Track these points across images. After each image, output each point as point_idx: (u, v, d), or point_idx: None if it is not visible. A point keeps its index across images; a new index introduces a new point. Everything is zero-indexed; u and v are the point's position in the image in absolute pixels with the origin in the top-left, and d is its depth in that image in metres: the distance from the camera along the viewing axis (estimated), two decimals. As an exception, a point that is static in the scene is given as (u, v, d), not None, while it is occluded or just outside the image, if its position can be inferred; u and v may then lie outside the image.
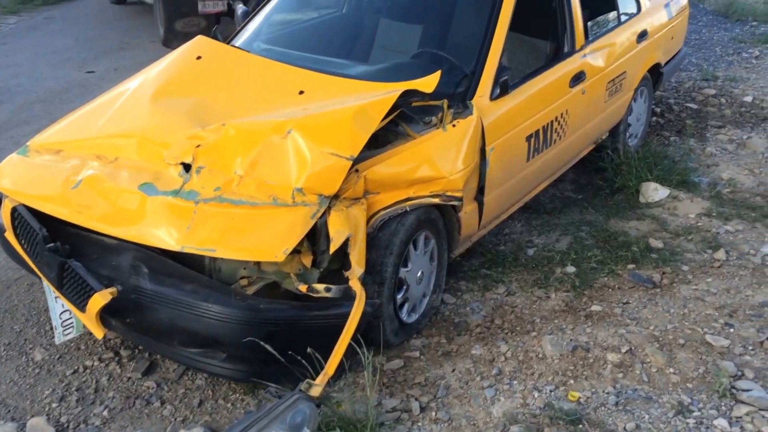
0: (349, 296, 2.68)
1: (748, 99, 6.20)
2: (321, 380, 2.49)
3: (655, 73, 5.16)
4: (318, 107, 3.11)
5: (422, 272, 3.21)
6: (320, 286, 2.70)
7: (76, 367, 3.01)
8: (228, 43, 3.95)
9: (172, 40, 8.56)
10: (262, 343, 2.53)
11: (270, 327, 2.62)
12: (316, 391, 2.46)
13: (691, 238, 3.96)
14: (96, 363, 3.03)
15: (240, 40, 4.03)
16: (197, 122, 3.05)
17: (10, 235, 3.03)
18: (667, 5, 5.17)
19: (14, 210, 2.99)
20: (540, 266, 3.73)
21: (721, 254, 3.74)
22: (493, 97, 3.40)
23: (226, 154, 2.90)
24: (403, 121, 3.21)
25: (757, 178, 4.73)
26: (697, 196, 4.44)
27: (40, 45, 8.89)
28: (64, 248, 2.81)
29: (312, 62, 3.63)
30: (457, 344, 3.14)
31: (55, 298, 2.89)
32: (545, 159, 3.88)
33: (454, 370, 2.95)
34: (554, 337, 3.08)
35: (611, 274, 3.63)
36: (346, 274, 2.72)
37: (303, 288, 2.71)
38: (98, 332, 2.70)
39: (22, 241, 2.98)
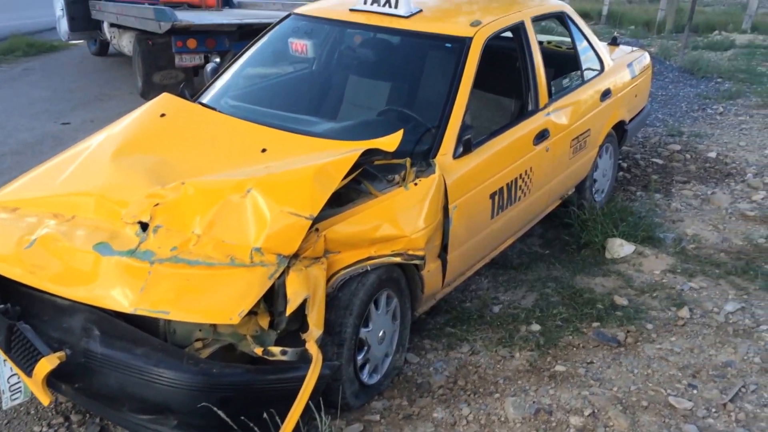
0: (306, 359, 2.58)
1: (713, 155, 6.24)
2: (275, 446, 2.38)
3: (620, 130, 5.17)
4: (280, 166, 3.05)
5: (384, 332, 3.13)
6: (276, 349, 2.60)
7: (23, 433, 2.87)
8: (196, 100, 3.91)
9: (150, 92, 8.54)
10: (215, 409, 2.42)
11: (223, 392, 2.51)
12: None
13: (656, 295, 3.91)
14: (45, 429, 2.90)
15: (208, 96, 3.99)
16: (157, 180, 2.98)
17: (-38, 293, 2.91)
18: (630, 65, 5.21)
19: (-35, 268, 2.87)
20: (505, 324, 3.66)
21: (685, 312, 3.69)
22: (456, 156, 3.36)
23: (184, 213, 2.83)
24: (366, 179, 3.16)
25: (721, 234, 4.72)
26: (662, 252, 4.41)
27: (17, 96, 8.83)
28: (14, 310, 2.70)
29: (279, 119, 3.60)
30: (418, 407, 3.04)
31: (3, 361, 2.76)
32: (510, 216, 3.84)
33: (414, 435, 2.85)
34: (517, 399, 3.00)
35: (576, 333, 3.56)
36: (303, 336, 2.63)
37: (258, 351, 2.61)
38: (44, 399, 2.57)
39: (-28, 300, 2.86)
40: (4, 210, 3.09)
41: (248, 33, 8.30)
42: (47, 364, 2.50)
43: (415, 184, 3.13)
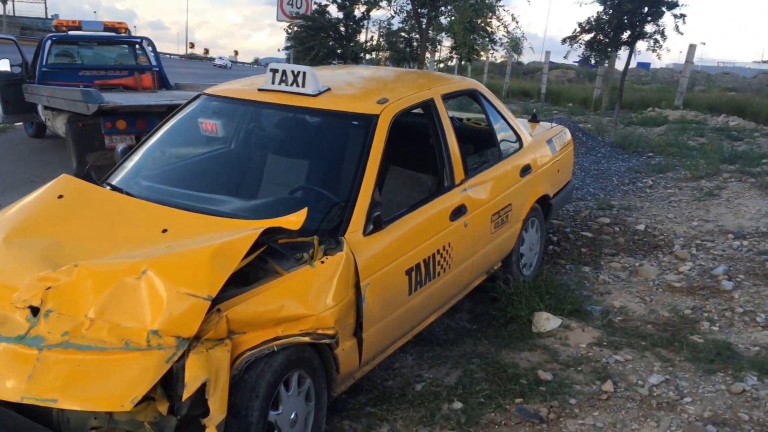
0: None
1: (641, 227, 6.37)
2: None
3: (545, 204, 5.25)
4: (179, 245, 2.99)
5: (296, 414, 3.02)
6: (172, 438, 2.49)
7: None
8: (104, 181, 3.86)
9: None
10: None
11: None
12: None
13: (581, 368, 3.89)
14: None
15: (117, 177, 3.94)
16: (49, 263, 2.89)
17: None
18: (549, 141, 5.34)
19: None
20: (426, 402, 3.58)
21: (609, 386, 3.67)
22: (367, 233, 3.34)
23: (77, 296, 2.72)
24: (273, 258, 3.11)
25: (648, 306, 4.77)
26: (588, 324, 4.42)
27: (-57, 180, 8.66)
28: None
29: (187, 199, 3.56)
30: (331, 494, 2.92)
31: None
32: (430, 291, 3.81)
33: None
34: (432, 483, 2.91)
35: (498, 409, 3.50)
36: (204, 421, 2.53)
37: (153, 440, 2.50)
38: None
39: None
40: None
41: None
42: None
43: (322, 262, 3.09)
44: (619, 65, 16.55)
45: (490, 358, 4.06)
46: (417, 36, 12.24)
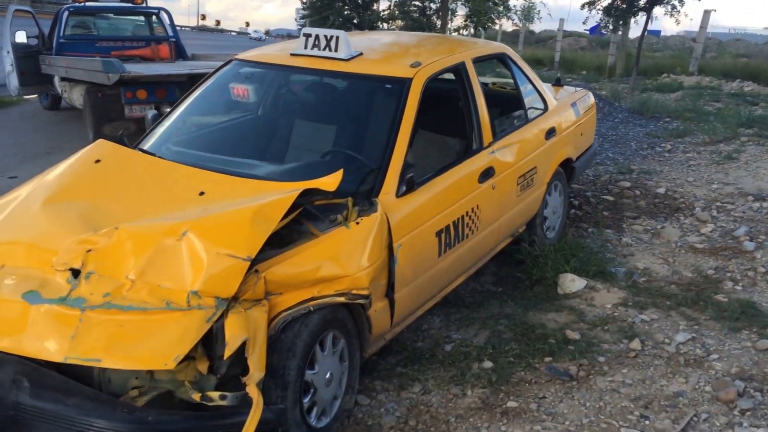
0: (247, 403, 2.51)
1: (662, 190, 6.34)
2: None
3: (568, 168, 5.23)
4: (217, 208, 3.01)
5: (331, 374, 3.06)
6: (215, 394, 2.52)
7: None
8: (136, 147, 3.86)
9: None
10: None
11: (161, 441, 2.42)
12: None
13: (608, 328, 3.91)
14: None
15: (149, 143, 3.94)
16: (89, 226, 2.91)
17: None
18: (574, 104, 5.31)
19: None
20: (457, 362, 3.61)
21: (636, 344, 3.69)
22: (399, 194, 3.35)
23: (117, 258, 2.75)
24: (308, 219, 3.12)
25: (671, 267, 4.76)
26: (613, 286, 4.43)
27: (-37, 152, 8.70)
28: None
29: (221, 163, 3.56)
30: (369, 449, 2.96)
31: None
32: (458, 254, 3.82)
33: (363, 478, 2.77)
34: (468, 438, 2.94)
35: (528, 368, 3.53)
36: (244, 379, 2.56)
37: (196, 397, 2.53)
38: None
39: None
40: None
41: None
42: None
43: (357, 223, 3.10)
44: (632, 33, 16.38)
45: (518, 319, 4.08)
46: (431, 5, 12.12)
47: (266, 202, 2.91)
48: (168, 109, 7.83)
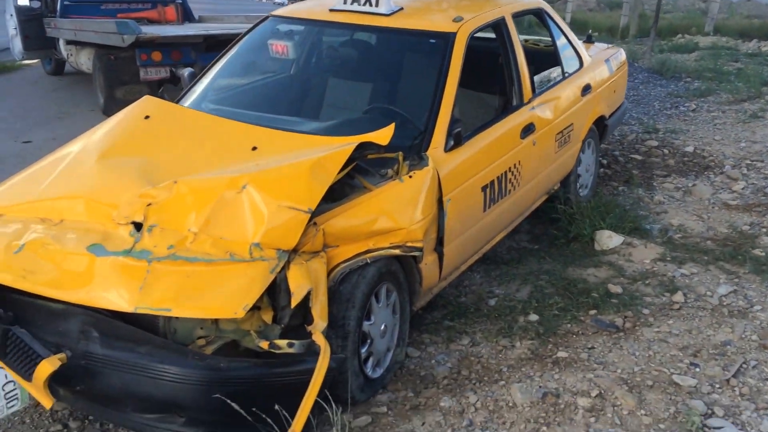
0: (312, 351, 2.62)
1: (690, 149, 6.43)
2: (289, 437, 2.42)
3: (600, 125, 5.31)
4: (272, 162, 3.09)
5: (385, 325, 3.17)
6: (282, 342, 2.63)
7: (22, 442, 2.86)
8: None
9: (114, 107, 8.46)
10: (228, 401, 2.44)
11: (231, 386, 2.53)
12: (283, 450, 2.38)
13: (649, 282, 4.02)
14: (44, 436, 2.89)
15: (187, 101, 4.01)
16: (147, 181, 2.99)
17: (-52, 304, 2.89)
18: (607, 60, 5.37)
19: (-49, 277, 2.85)
20: (503, 316, 3.73)
21: (679, 297, 3.80)
22: (447, 149, 3.43)
23: (178, 211, 2.84)
24: (359, 174, 3.21)
25: (706, 223, 4.87)
26: (650, 242, 4.54)
27: (-29, 117, 8.75)
28: (7, 315, 2.70)
29: (264, 121, 3.63)
30: (424, 397, 3.09)
31: (-1, 369, 2.76)
32: (501, 209, 3.92)
33: (423, 424, 2.89)
34: (523, 385, 3.06)
35: (574, 321, 3.64)
36: (309, 328, 2.66)
37: (264, 345, 2.64)
38: (46, 402, 2.57)
39: (-39, 310, 2.84)
40: None
41: (214, 44, 8.35)
42: (48, 365, 2.50)
43: (410, 177, 3.19)
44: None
45: (558, 274, 4.19)
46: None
47: (324, 154, 3.00)
48: (188, 68, 7.90)
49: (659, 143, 6.63)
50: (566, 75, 4.74)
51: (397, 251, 3.08)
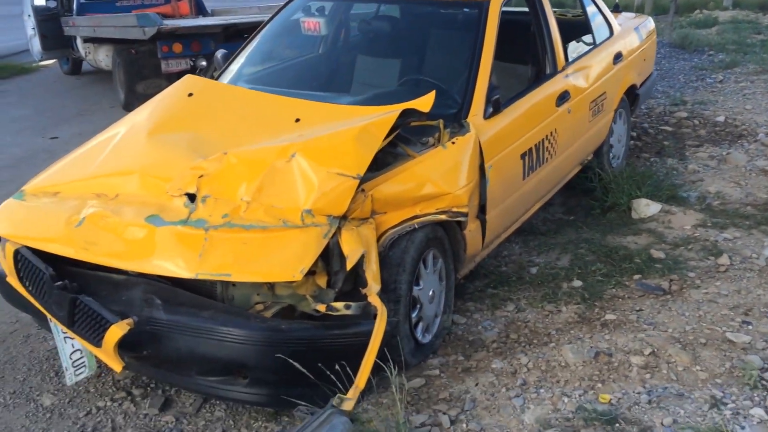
0: (366, 314, 2.70)
1: (721, 119, 6.45)
2: (352, 394, 2.49)
3: (631, 95, 5.35)
4: (317, 132, 3.16)
5: (433, 291, 3.24)
6: (339, 305, 2.70)
7: (88, 409, 2.96)
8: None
9: (135, 102, 8.61)
10: (291, 361, 2.52)
11: (292, 347, 2.61)
12: (348, 405, 2.46)
13: (691, 247, 4.06)
14: (108, 403, 2.99)
15: (225, 80, 4.09)
16: (197, 154, 3.08)
17: (12, 279, 2.99)
18: (637, 29, 5.41)
19: (17, 252, 2.95)
20: (546, 282, 3.79)
21: (724, 259, 3.84)
22: (487, 116, 3.49)
23: (230, 182, 2.93)
24: (401, 142, 3.28)
25: (744, 190, 4.90)
26: (688, 209, 4.57)
27: (-3, 116, 8.89)
28: (72, 286, 2.79)
29: (300, 97, 3.70)
30: (475, 360, 3.15)
31: (65, 338, 2.85)
32: (539, 177, 3.98)
33: (477, 384, 2.95)
34: (574, 346, 3.11)
35: (618, 285, 3.69)
36: (364, 291, 2.74)
37: (322, 308, 2.71)
38: (117, 365, 2.67)
39: (27, 284, 2.94)
40: (45, 195, 3.17)
41: (234, 34, 8.45)
42: (118, 330, 2.60)
43: (453, 143, 3.26)
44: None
45: (597, 242, 4.24)
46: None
47: (370, 122, 3.07)
48: (204, 63, 7.96)
49: (689, 114, 6.65)
50: (597, 43, 4.78)
51: (443, 216, 3.14)
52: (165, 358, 2.77)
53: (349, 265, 2.69)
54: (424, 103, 3.25)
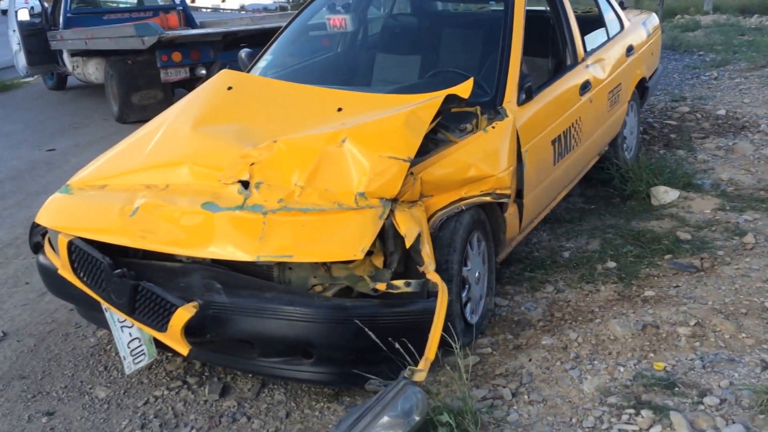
0: (428, 290, 2.79)
1: (722, 112, 6.66)
2: (423, 365, 2.57)
3: (641, 88, 5.52)
4: (361, 119, 3.26)
5: (479, 273, 3.34)
6: (400, 282, 2.79)
7: (146, 398, 3.01)
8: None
9: (130, 114, 8.73)
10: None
11: (356, 324, 2.69)
12: (420, 377, 2.54)
13: (715, 228, 4.21)
14: (165, 392, 3.04)
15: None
16: (246, 143, 3.16)
17: (66, 271, 3.05)
18: (644, 23, 5.60)
19: (71, 244, 3.01)
20: (580, 265, 3.92)
21: (749, 238, 4.00)
22: (520, 102, 3.62)
23: (282, 168, 3.01)
24: (440, 128, 3.39)
25: (755, 176, 5.08)
26: (705, 195, 4.74)
27: (-12, 131, 8.89)
28: (130, 273, 2.85)
29: None
30: (524, 338, 3.26)
31: (122, 327, 2.91)
32: (567, 164, 4.11)
33: (530, 360, 3.06)
34: (620, 320, 3.24)
35: (651, 265, 3.83)
36: (422, 268, 2.82)
37: (382, 286, 2.79)
38: (183, 349, 2.73)
39: (81, 274, 3.00)
40: (91, 188, 3.24)
41: (233, 42, 8.55)
42: (185, 312, 2.67)
43: (493, 128, 3.38)
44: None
45: (622, 227, 4.38)
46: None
47: (417, 106, 3.18)
48: (204, 71, 8.02)
49: (690, 109, 6.86)
50: (610, 37, 4.94)
51: (488, 198, 3.26)
52: (227, 342, 2.84)
53: (408, 244, 2.78)
54: (464, 89, 3.37)
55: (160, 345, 2.94)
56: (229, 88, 3.69)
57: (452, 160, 3.18)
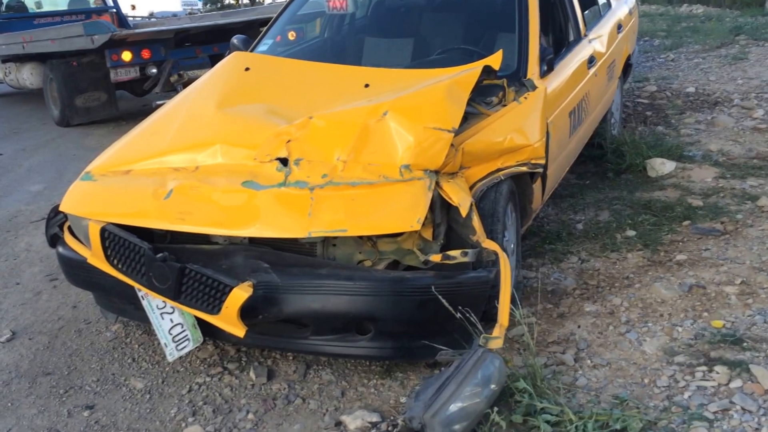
0: (483, 259, 2.76)
1: (692, 90, 6.86)
2: (498, 332, 2.55)
3: (625, 65, 5.62)
4: (393, 94, 3.20)
5: (514, 243, 3.33)
6: (456, 252, 2.74)
7: (188, 386, 2.90)
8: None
9: (73, 117, 8.49)
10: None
11: (420, 296, 2.64)
12: (496, 344, 2.51)
13: (723, 195, 4.31)
14: (207, 379, 2.93)
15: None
16: (278, 121, 3.06)
17: (97, 259, 2.89)
18: (626, 2, 5.72)
19: (104, 231, 2.85)
20: (599, 235, 3.94)
21: (764, 201, 4.10)
22: (542, 75, 3.62)
23: (320, 144, 2.92)
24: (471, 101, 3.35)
25: (743, 146, 5.23)
26: (701, 164, 4.85)
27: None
28: (171, 257, 2.73)
29: None
30: (565, 306, 3.26)
31: (161, 314, 2.79)
32: (578, 136, 4.15)
33: (580, 327, 3.06)
34: (663, 283, 3.27)
35: (672, 232, 3.88)
36: (474, 238, 2.79)
37: (436, 257, 2.74)
38: (239, 331, 2.65)
39: (115, 262, 2.85)
40: (115, 174, 3.09)
41: (184, 39, 8.34)
42: (241, 293, 2.56)
43: (526, 98, 3.36)
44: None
45: (627, 199, 4.44)
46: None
47: (457, 77, 3.14)
48: (154, 70, 7.80)
49: (657, 88, 7.04)
50: (602, 14, 5.02)
51: (524, 168, 3.23)
52: (276, 322, 2.75)
53: (463, 213, 2.73)
54: (495, 60, 3.35)
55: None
56: (247, 69, 3.58)
57: (491, 131, 3.15)
